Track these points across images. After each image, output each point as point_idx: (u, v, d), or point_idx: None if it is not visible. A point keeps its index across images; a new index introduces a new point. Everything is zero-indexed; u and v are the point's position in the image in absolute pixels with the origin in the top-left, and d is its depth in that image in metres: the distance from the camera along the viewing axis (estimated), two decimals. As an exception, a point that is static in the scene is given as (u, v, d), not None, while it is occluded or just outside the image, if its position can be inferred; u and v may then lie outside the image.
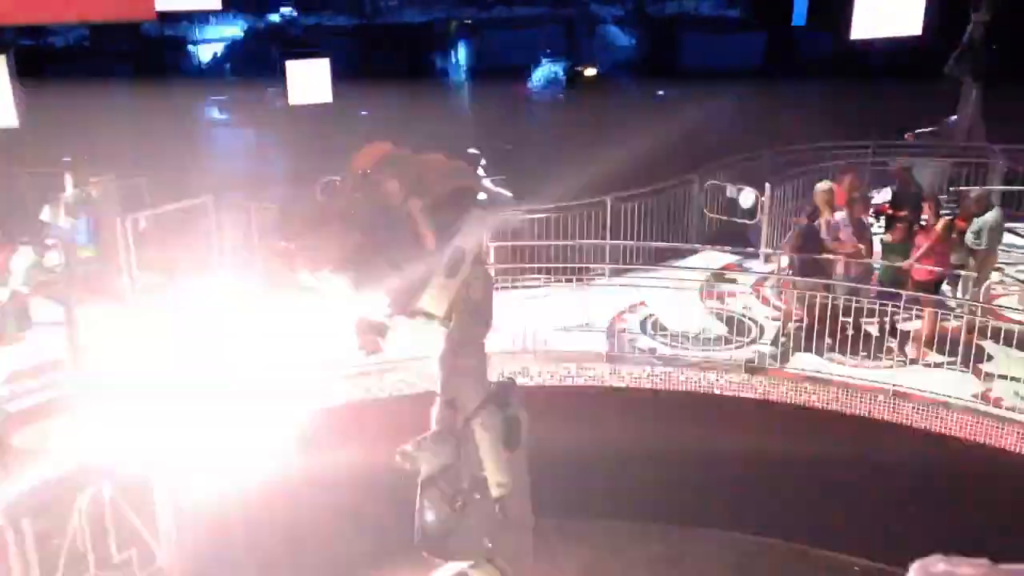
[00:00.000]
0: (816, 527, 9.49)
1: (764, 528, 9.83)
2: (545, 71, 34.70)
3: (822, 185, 11.54)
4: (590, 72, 31.57)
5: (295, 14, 40.78)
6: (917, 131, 16.69)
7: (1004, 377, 9.47)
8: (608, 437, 9.87)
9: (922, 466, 9.13)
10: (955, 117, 16.72)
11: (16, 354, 9.87)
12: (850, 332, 10.69)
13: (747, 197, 12.73)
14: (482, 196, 3.54)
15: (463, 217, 3.38)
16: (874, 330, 10.80)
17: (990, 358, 9.94)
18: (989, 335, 9.76)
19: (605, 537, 9.87)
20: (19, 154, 14.08)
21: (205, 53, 44.64)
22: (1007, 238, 12.34)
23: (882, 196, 13.22)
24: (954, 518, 8.07)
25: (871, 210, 11.85)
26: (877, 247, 11.25)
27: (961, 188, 13.64)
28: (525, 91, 34.25)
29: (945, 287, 10.98)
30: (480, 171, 3.71)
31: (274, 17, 43.26)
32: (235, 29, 43.80)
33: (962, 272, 10.80)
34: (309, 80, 16.61)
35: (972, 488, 8.75)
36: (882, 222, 11.75)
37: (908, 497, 9.06)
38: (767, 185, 12.82)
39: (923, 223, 10.77)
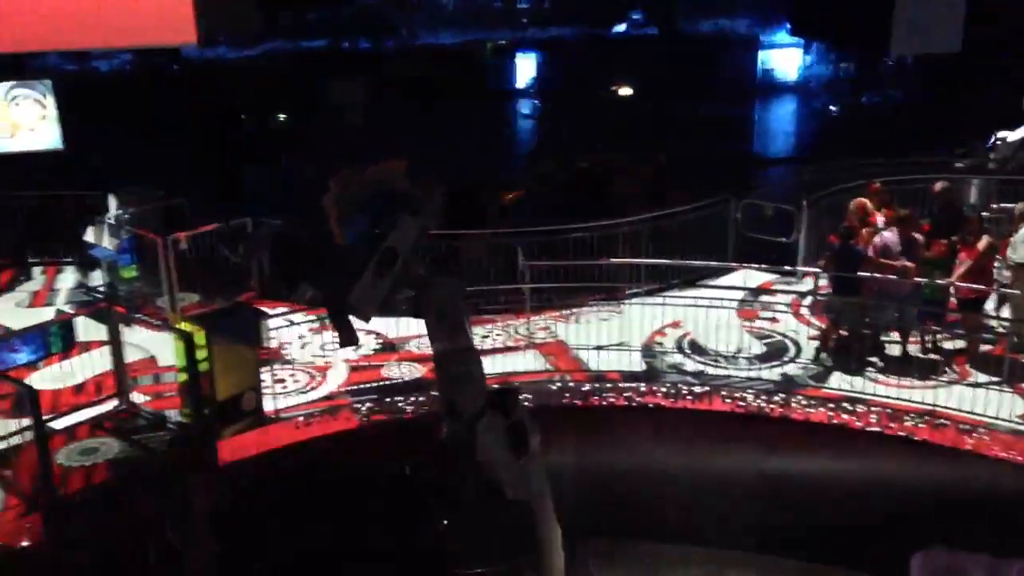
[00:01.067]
0: (853, 550, 9.35)
1: (800, 551, 9.70)
2: None
3: (856, 202, 11.47)
4: (625, 91, 31.58)
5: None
6: (961, 149, 16.46)
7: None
8: (643, 456, 9.83)
9: (964, 487, 8.99)
10: (1005, 134, 16.45)
11: (60, 373, 10.05)
12: (890, 351, 10.59)
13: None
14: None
15: (397, 220, 3.47)
16: (916, 349, 10.68)
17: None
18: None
19: (641, 558, 9.80)
20: (64, 176, 14.38)
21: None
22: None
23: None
24: (996, 541, 7.93)
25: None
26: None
27: (1004, 205, 13.44)
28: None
29: (989, 305, 10.84)
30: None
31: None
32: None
33: (1007, 290, 10.66)
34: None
35: (1017, 510, 8.59)
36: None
37: (949, 519, 8.91)
38: (803, 203, 12.76)
39: (966, 240, 10.65)
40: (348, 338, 3.91)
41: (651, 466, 9.77)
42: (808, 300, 11.99)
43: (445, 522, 3.59)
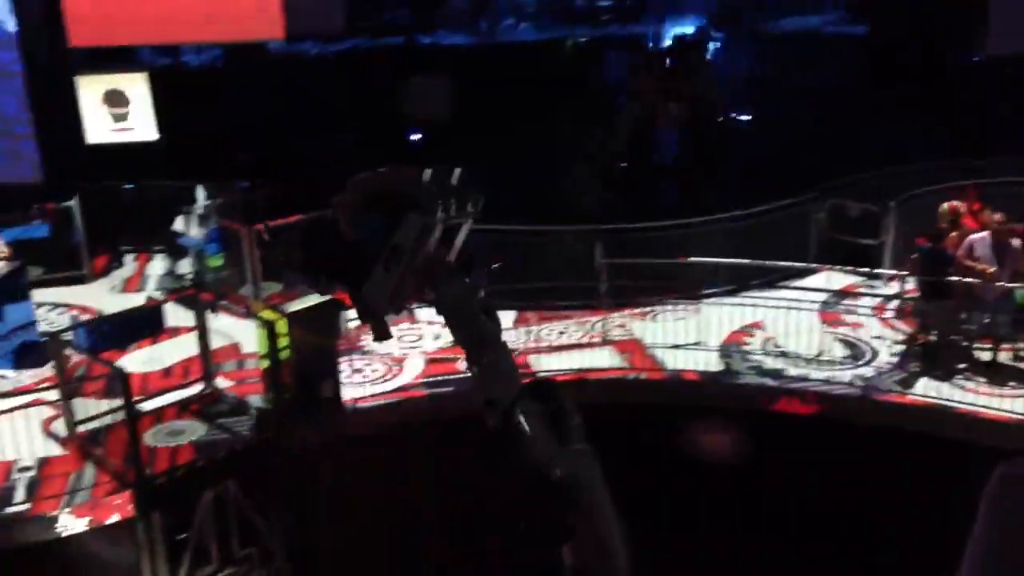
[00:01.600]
0: (930, 565, 9.11)
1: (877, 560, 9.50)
2: None
3: (947, 205, 11.16)
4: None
5: None
6: None
7: None
8: (720, 458, 9.74)
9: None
10: None
11: (149, 357, 10.37)
12: (980, 358, 10.27)
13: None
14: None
15: (402, 219, 3.57)
16: (1007, 356, 10.35)
17: None
18: None
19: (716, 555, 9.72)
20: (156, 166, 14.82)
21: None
22: None
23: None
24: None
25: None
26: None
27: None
28: None
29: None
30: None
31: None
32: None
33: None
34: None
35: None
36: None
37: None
38: (891, 204, 12.45)
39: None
40: (379, 332, 4.09)
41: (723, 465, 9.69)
42: (894, 304, 11.71)
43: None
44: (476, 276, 3.88)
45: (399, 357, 10.76)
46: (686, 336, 10.99)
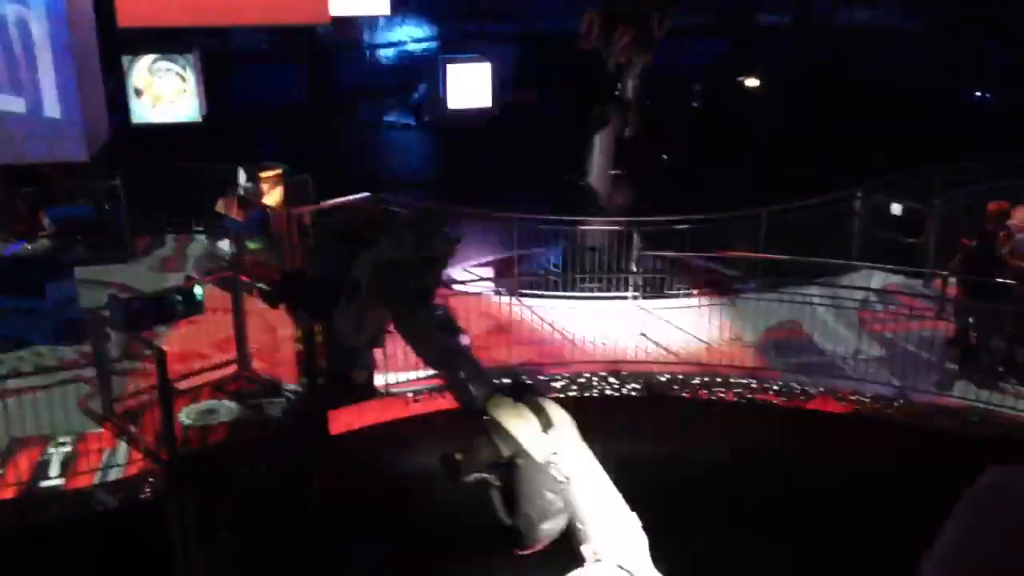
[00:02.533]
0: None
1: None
2: None
3: (995, 204, 10.91)
4: (752, 83, 30.81)
5: None
6: None
7: None
8: (751, 454, 9.65)
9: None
10: None
11: (186, 336, 10.49)
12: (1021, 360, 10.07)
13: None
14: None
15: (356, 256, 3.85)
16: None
17: None
18: None
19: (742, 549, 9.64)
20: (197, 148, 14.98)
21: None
22: None
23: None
24: None
25: None
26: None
27: None
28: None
29: None
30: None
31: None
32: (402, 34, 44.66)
33: None
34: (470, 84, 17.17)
35: None
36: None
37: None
38: (936, 203, 12.21)
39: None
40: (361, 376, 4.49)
41: (755, 461, 9.61)
42: (935, 304, 11.50)
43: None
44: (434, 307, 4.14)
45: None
46: (721, 331, 10.90)
